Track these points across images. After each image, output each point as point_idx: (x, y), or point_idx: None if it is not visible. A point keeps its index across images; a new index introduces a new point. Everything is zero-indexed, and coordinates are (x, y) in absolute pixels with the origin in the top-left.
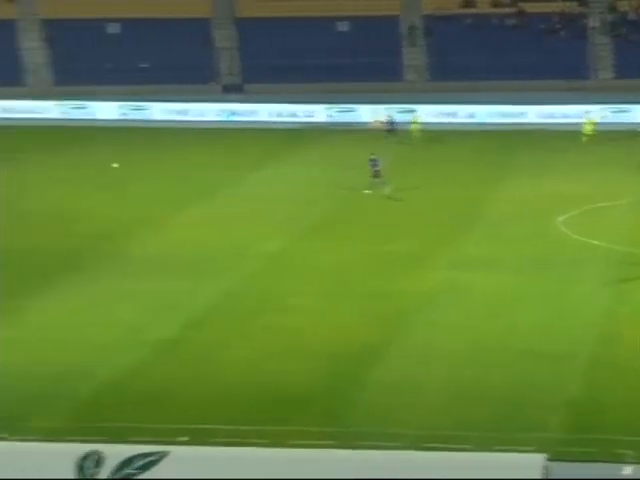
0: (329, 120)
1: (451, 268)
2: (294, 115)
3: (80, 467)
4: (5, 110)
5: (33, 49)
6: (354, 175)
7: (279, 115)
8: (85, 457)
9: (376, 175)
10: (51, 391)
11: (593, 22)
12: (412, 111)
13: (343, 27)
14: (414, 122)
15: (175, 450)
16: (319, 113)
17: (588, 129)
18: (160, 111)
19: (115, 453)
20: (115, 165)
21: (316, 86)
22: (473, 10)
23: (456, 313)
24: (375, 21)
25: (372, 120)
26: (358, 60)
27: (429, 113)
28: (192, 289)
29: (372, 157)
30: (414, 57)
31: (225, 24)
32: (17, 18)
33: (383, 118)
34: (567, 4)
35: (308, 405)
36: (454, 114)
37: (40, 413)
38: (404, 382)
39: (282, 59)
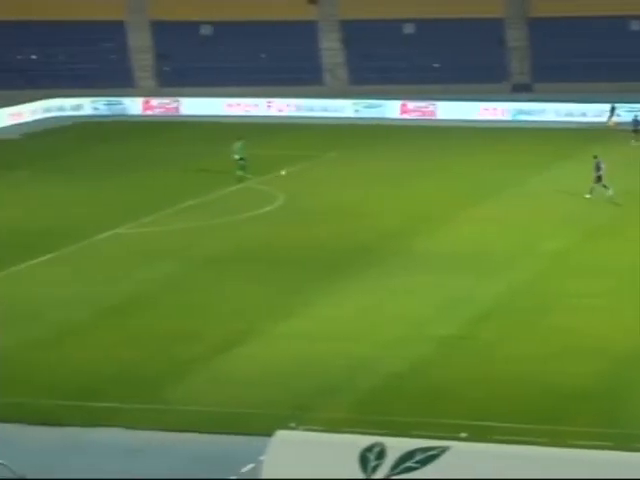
0: (616, 120)
1: None
2: (583, 115)
3: (363, 457)
4: (302, 109)
5: (331, 49)
6: (629, 175)
7: (567, 114)
8: (369, 448)
9: (598, 178)
10: (336, 383)
11: None
12: None
13: (636, 26)
14: None
15: (455, 446)
16: (608, 113)
17: None
18: (447, 110)
19: (397, 446)
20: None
21: (606, 85)
22: None
23: None
24: None
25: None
26: None
27: None
28: (475, 286)
29: (595, 160)
30: None
31: (517, 24)
32: (318, 19)
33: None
34: None
35: (587, 405)
36: None
37: (324, 404)
38: None
39: (572, 58)
